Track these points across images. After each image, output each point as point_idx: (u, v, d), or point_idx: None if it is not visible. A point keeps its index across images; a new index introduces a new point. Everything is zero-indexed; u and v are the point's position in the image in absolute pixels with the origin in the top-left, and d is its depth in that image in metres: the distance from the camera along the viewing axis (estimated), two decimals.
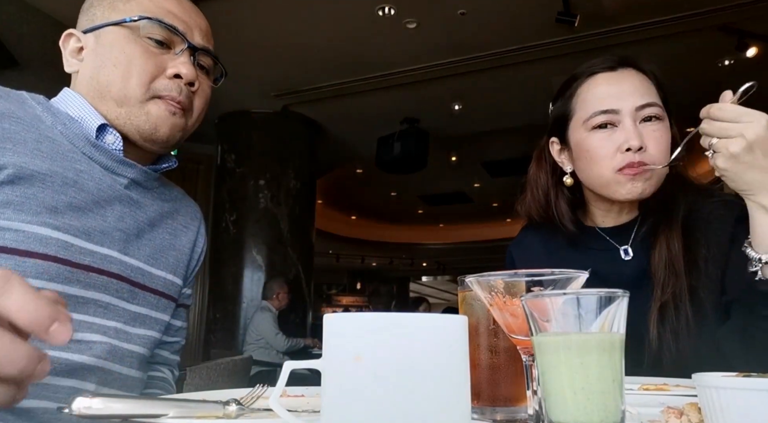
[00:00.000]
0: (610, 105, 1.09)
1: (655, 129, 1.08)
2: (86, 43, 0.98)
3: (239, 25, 4.58)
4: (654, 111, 1.09)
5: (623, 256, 1.16)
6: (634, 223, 1.18)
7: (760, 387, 0.47)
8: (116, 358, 0.92)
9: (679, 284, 1.05)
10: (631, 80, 1.12)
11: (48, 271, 0.82)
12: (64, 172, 0.87)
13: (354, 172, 9.23)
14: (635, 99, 1.09)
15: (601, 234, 1.20)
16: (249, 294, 5.90)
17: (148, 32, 0.95)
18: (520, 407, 0.69)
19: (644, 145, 1.06)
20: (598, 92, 1.12)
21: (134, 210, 0.98)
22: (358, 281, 16.97)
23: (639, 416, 0.63)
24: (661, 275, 1.07)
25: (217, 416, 0.62)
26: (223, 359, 3.31)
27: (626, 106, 1.08)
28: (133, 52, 0.94)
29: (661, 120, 1.10)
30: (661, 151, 1.08)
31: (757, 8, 4.30)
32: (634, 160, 1.06)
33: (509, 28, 4.64)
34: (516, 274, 0.60)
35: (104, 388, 0.90)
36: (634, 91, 1.10)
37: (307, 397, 0.82)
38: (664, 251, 1.08)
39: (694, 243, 1.08)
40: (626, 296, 0.49)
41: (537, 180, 1.26)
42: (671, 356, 1.03)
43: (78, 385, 0.86)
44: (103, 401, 0.54)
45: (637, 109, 1.08)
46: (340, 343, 0.44)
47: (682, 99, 6.03)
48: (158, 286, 1.01)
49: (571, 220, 1.21)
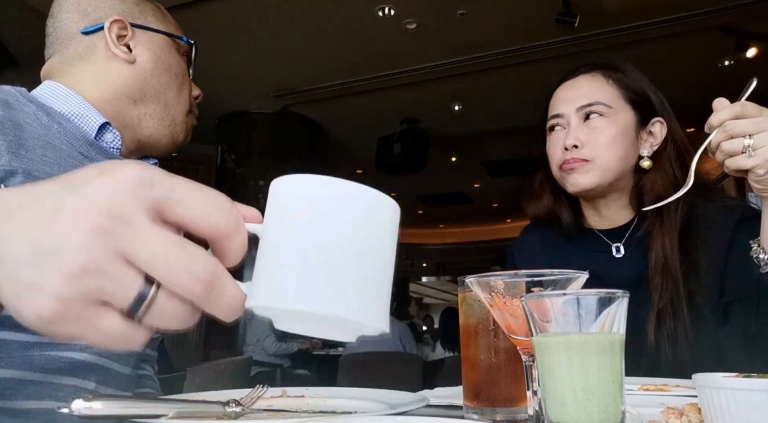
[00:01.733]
0: (558, 109, 1.21)
1: (595, 126, 1.16)
2: (138, 38, 1.01)
3: (239, 25, 4.58)
4: (595, 109, 1.16)
5: (615, 253, 1.18)
6: (630, 225, 1.19)
7: (760, 387, 0.47)
8: (114, 355, 0.92)
9: (676, 289, 1.06)
10: (581, 85, 1.21)
11: None
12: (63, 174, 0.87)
13: (354, 172, 9.22)
14: (578, 101, 1.18)
15: (599, 235, 1.22)
16: None
17: (185, 52, 1.08)
18: (520, 408, 0.69)
19: (580, 143, 1.15)
20: (555, 99, 1.24)
21: None
22: None
23: (639, 417, 0.63)
24: (658, 281, 1.07)
25: (218, 417, 0.62)
26: (223, 360, 3.31)
27: (570, 109, 1.19)
28: (183, 67, 1.07)
29: (603, 116, 1.16)
30: (600, 144, 1.14)
31: (757, 8, 4.30)
32: (568, 157, 1.16)
33: (509, 29, 4.64)
34: (516, 275, 0.60)
35: (103, 387, 0.91)
36: (581, 95, 1.19)
37: (307, 397, 0.82)
38: (660, 256, 1.09)
39: (691, 248, 1.09)
40: (626, 297, 0.49)
41: (542, 180, 1.31)
42: (668, 361, 1.03)
43: (79, 384, 0.86)
44: (102, 402, 0.54)
45: (578, 110, 1.18)
46: (282, 200, 0.43)
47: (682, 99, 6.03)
48: None
49: (571, 221, 1.25)
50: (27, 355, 0.80)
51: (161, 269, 0.35)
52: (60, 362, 0.83)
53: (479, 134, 6.88)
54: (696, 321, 1.04)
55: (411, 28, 4.62)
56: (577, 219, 1.26)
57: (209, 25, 4.39)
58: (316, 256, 0.39)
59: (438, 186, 9.87)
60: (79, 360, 0.86)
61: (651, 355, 1.04)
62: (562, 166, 1.17)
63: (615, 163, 1.15)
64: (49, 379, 0.82)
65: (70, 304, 0.34)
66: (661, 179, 1.14)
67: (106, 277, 0.35)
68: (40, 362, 0.81)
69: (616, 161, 1.15)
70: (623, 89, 1.18)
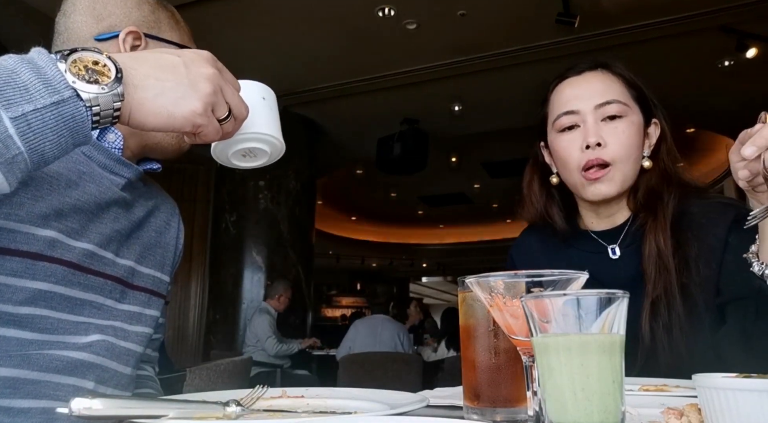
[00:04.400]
0: (571, 106, 1.14)
1: (616, 126, 1.11)
2: (150, 48, 0.98)
3: (240, 26, 4.59)
4: (614, 108, 1.11)
5: (611, 254, 1.17)
6: (626, 225, 1.18)
7: (760, 388, 0.47)
8: (114, 355, 0.92)
9: (669, 280, 1.05)
10: (593, 82, 1.16)
11: (55, 274, 0.82)
12: (68, 174, 0.87)
13: (354, 172, 9.23)
14: (595, 99, 1.13)
15: (594, 237, 1.21)
16: (249, 295, 5.90)
17: None
18: (521, 408, 0.69)
19: (603, 142, 1.09)
20: (563, 96, 1.18)
21: (127, 210, 0.98)
22: (358, 282, 16.95)
23: (639, 417, 0.63)
24: (651, 271, 1.07)
25: (217, 417, 0.62)
26: (223, 360, 3.31)
27: (586, 106, 1.12)
28: None
29: (624, 117, 1.12)
30: (622, 146, 1.10)
31: (757, 8, 4.30)
32: (592, 157, 1.09)
33: (509, 29, 4.65)
34: (516, 275, 0.60)
35: (102, 386, 0.91)
36: (595, 91, 1.14)
37: (306, 397, 0.82)
38: (653, 248, 1.08)
39: (683, 241, 1.08)
40: (626, 297, 0.49)
41: (531, 184, 1.28)
42: (664, 353, 1.03)
43: (77, 383, 0.86)
44: (102, 402, 0.54)
45: (596, 108, 1.12)
46: (247, 92, 0.83)
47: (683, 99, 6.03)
48: (147, 284, 1.02)
49: (564, 223, 1.23)
50: (25, 354, 0.80)
51: (233, 103, 0.75)
52: (58, 361, 0.83)
53: (479, 134, 6.88)
54: (691, 313, 1.04)
55: (411, 29, 4.63)
56: (572, 220, 1.25)
57: (209, 25, 4.39)
58: (261, 111, 0.84)
59: (438, 186, 9.88)
60: (78, 359, 0.86)
61: (647, 348, 1.04)
62: (586, 169, 1.10)
63: (632, 167, 1.12)
64: (48, 378, 0.82)
65: (206, 108, 0.71)
66: (656, 178, 1.13)
67: (217, 98, 0.72)
68: (38, 361, 0.81)
69: (632, 165, 1.12)
70: (631, 88, 1.16)
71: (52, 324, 0.83)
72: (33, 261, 0.80)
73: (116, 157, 0.95)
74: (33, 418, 0.81)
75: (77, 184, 0.88)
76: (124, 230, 0.96)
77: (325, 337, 6.55)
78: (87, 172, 0.91)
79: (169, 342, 5.98)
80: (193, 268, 6.97)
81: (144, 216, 1.03)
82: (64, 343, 0.84)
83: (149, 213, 1.05)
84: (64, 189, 0.86)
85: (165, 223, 1.10)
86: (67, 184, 0.87)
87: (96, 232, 0.90)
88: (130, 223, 0.98)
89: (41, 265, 0.81)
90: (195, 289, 7.15)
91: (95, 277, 0.89)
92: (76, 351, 0.86)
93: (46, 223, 0.82)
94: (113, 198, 0.94)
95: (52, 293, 0.82)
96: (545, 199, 1.25)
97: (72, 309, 0.86)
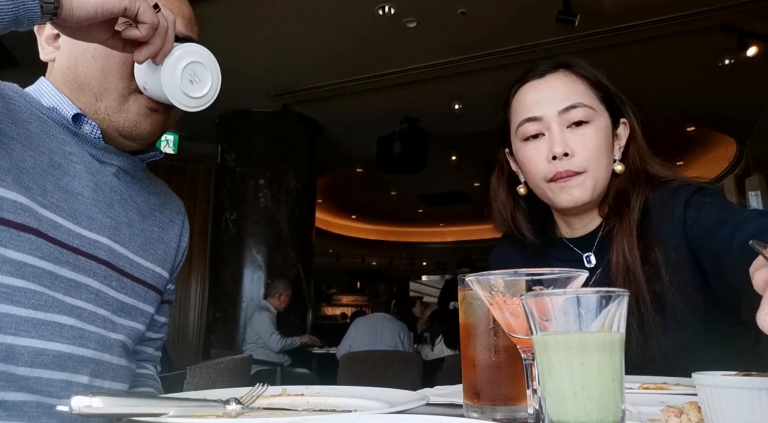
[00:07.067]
0: (534, 112, 1.08)
1: (583, 132, 1.06)
2: None
3: (239, 24, 4.58)
4: (580, 113, 1.06)
5: (586, 263, 1.12)
6: (598, 231, 1.12)
7: (760, 386, 0.47)
8: (105, 347, 0.91)
9: (639, 291, 0.99)
10: (555, 84, 1.09)
11: (40, 248, 0.82)
12: (51, 155, 0.87)
13: (354, 171, 9.23)
14: (558, 103, 1.07)
15: (568, 244, 1.16)
16: (249, 294, 5.90)
17: None
18: (521, 406, 0.69)
19: (571, 151, 1.04)
20: (524, 101, 1.12)
21: (123, 198, 0.98)
22: (358, 281, 16.96)
23: (639, 415, 0.63)
24: (620, 283, 1.02)
25: (218, 415, 0.62)
26: (223, 358, 3.31)
27: (550, 112, 1.07)
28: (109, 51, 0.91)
29: (590, 122, 1.06)
30: (592, 154, 1.05)
31: (757, 7, 4.30)
32: (560, 169, 1.04)
33: (509, 28, 4.64)
34: (516, 273, 0.60)
35: (97, 380, 0.90)
36: (558, 95, 1.08)
37: (306, 395, 0.82)
38: (620, 258, 1.03)
39: (650, 245, 1.02)
40: (626, 295, 0.49)
41: (497, 193, 1.23)
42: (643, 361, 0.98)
43: (70, 378, 0.85)
44: (102, 400, 0.54)
45: (561, 113, 1.06)
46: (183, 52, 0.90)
47: (682, 98, 6.02)
48: (146, 277, 1.01)
49: (532, 233, 1.18)
50: (8, 347, 0.78)
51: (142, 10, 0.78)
52: (44, 355, 0.82)
53: (479, 134, 6.86)
54: (671, 321, 0.99)
55: (411, 27, 4.62)
56: (548, 228, 1.20)
57: (209, 24, 4.38)
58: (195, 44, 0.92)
59: (438, 185, 9.88)
60: (66, 352, 0.84)
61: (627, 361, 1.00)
62: (553, 178, 1.05)
63: (604, 174, 1.07)
64: (37, 373, 0.81)
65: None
66: (624, 181, 1.08)
67: None
68: (23, 355, 0.80)
69: (604, 171, 1.07)
70: (596, 88, 1.10)
71: (46, 301, 0.82)
72: (17, 231, 0.79)
73: (101, 146, 0.95)
74: (28, 413, 0.80)
75: (60, 165, 0.88)
76: (120, 218, 0.96)
77: (325, 335, 6.55)
78: (75, 153, 0.91)
79: (170, 340, 5.98)
80: (193, 266, 6.98)
81: (145, 208, 1.03)
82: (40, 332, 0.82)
83: (153, 207, 1.06)
84: (47, 166, 0.86)
85: (169, 220, 1.10)
86: (50, 163, 0.86)
87: (83, 214, 0.89)
88: (127, 212, 0.98)
89: (26, 236, 0.80)
90: (195, 288, 7.16)
91: (86, 259, 0.89)
92: (67, 343, 0.84)
93: (27, 193, 0.81)
94: (105, 182, 0.94)
95: (40, 269, 0.81)
96: (512, 211, 1.20)
97: (67, 291, 0.85)
